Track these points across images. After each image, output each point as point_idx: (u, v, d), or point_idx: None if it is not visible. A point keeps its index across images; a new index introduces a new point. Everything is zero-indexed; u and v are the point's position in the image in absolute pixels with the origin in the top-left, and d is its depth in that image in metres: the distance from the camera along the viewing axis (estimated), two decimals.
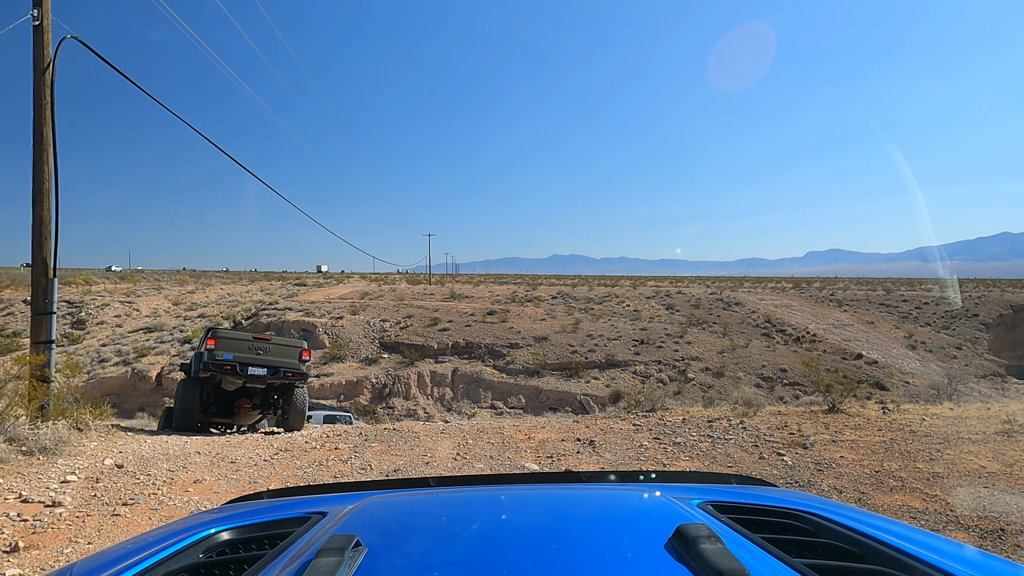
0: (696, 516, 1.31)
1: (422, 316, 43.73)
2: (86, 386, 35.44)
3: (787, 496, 1.65)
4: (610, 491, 1.72)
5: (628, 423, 9.91)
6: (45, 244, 9.16)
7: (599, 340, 42.13)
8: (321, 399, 36.00)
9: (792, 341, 46.66)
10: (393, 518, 1.45)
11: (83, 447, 7.56)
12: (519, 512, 1.44)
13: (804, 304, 56.34)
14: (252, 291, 57.36)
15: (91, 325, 41.81)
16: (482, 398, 37.25)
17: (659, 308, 51.39)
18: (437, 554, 1.11)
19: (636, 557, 1.05)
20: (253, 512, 1.60)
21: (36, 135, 9.11)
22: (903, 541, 1.22)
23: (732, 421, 9.29)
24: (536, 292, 55.46)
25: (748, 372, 40.93)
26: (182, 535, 1.40)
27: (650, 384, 39.22)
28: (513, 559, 1.05)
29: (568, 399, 37.45)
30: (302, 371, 11.68)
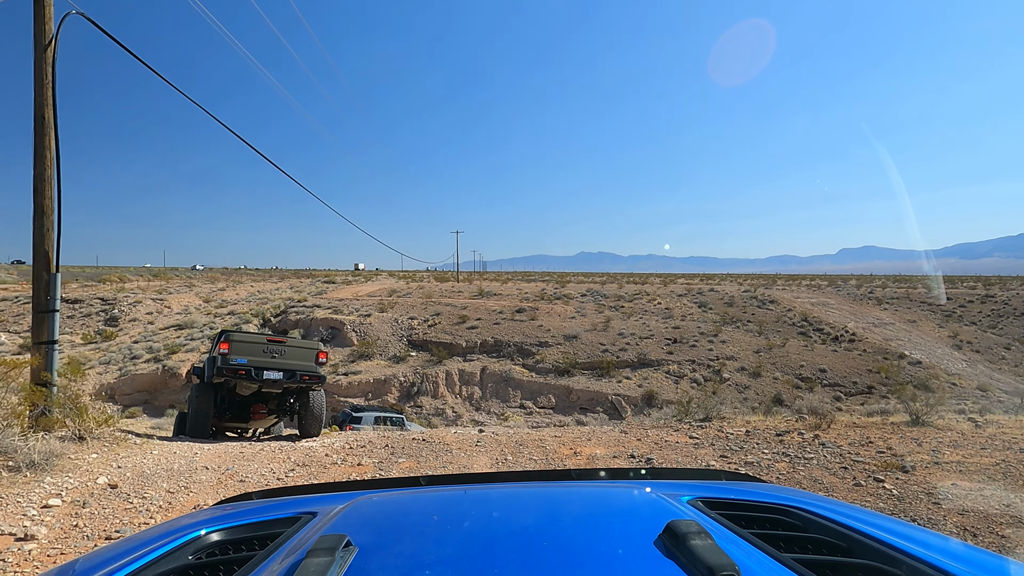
0: (686, 512, 1.31)
1: (450, 314, 42.85)
2: (117, 383, 35.31)
3: (776, 492, 1.63)
4: (601, 488, 1.71)
5: (683, 435, 8.79)
6: (47, 236, 8.36)
7: (631, 339, 40.81)
8: (349, 397, 35.34)
9: (830, 340, 44.77)
10: (383, 517, 1.42)
11: (79, 461, 6.71)
12: (510, 510, 1.42)
13: (842, 302, 54.25)
14: (282, 288, 57.13)
15: (124, 322, 41.77)
16: (511, 397, 36.21)
17: (691, 306, 49.83)
18: (428, 553, 1.10)
19: (627, 553, 1.05)
20: (243, 513, 1.58)
21: (37, 118, 8.31)
22: (890, 535, 1.22)
23: (804, 435, 8.11)
24: (565, 290, 54.28)
25: (786, 372, 39.26)
26: (172, 536, 1.37)
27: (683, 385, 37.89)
28: (504, 557, 1.04)
29: (599, 399, 36.24)
30: (319, 374, 11.08)
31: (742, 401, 37.21)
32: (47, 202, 8.30)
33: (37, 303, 8.38)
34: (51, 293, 8.34)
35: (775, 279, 79.19)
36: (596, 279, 74.55)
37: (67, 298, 44.31)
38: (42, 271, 8.34)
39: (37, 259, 8.34)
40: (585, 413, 35.90)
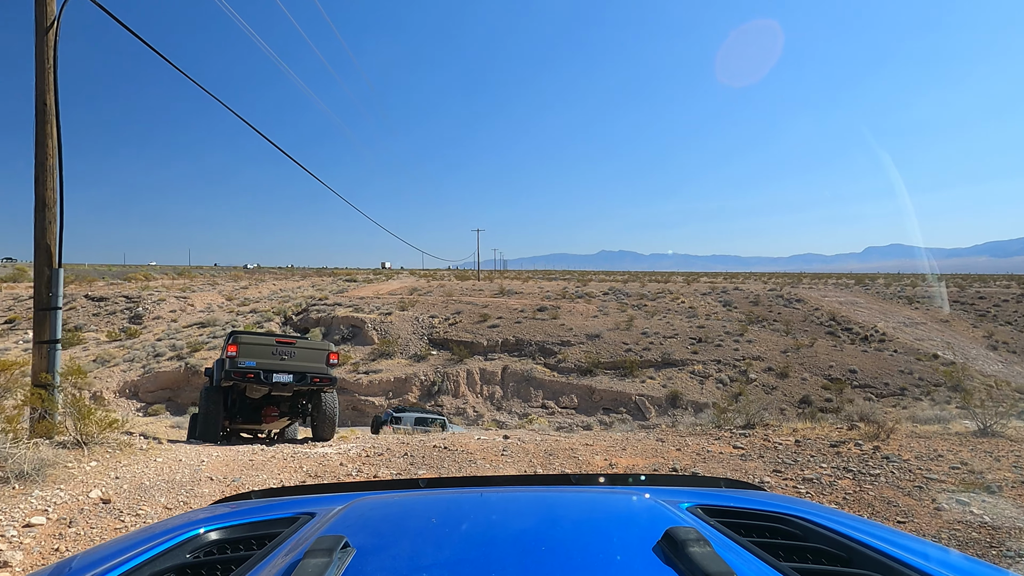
0: (685, 519, 1.31)
1: (471, 312, 42.27)
2: (141, 380, 35.27)
3: (775, 500, 1.62)
4: (600, 494, 1.71)
5: (726, 443, 8.04)
6: (49, 229, 7.86)
7: (654, 338, 39.89)
8: (370, 396, 34.93)
9: (860, 340, 43.41)
10: (382, 519, 1.42)
11: (75, 470, 6.17)
12: (508, 514, 1.42)
13: (871, 301, 52.73)
14: (303, 287, 57.03)
15: (148, 320, 41.82)
16: (533, 397, 35.53)
17: (716, 305, 48.72)
18: (426, 555, 1.10)
19: (625, 559, 1.04)
20: (241, 512, 1.57)
21: (38, 104, 7.83)
22: (890, 545, 1.21)
23: (862, 446, 7.32)
24: (587, 288, 53.43)
25: (814, 373, 38.10)
26: (169, 535, 1.36)
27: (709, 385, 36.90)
28: (502, 561, 1.04)
29: (623, 400, 35.41)
30: (330, 376, 10.75)
31: (770, 403, 36.19)
32: (49, 193, 7.81)
33: (38, 300, 7.88)
34: (53, 289, 7.84)
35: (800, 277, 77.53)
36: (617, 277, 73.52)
37: (93, 296, 44.55)
38: (44, 266, 7.84)
39: (39, 253, 7.84)
40: (608, 414, 35.09)
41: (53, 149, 7.80)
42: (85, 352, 37.61)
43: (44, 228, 7.82)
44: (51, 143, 7.79)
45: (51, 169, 7.81)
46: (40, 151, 7.78)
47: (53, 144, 7.80)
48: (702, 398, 35.60)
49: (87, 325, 40.80)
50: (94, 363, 35.78)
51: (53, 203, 7.86)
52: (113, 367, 35.83)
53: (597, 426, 33.66)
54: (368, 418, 34.78)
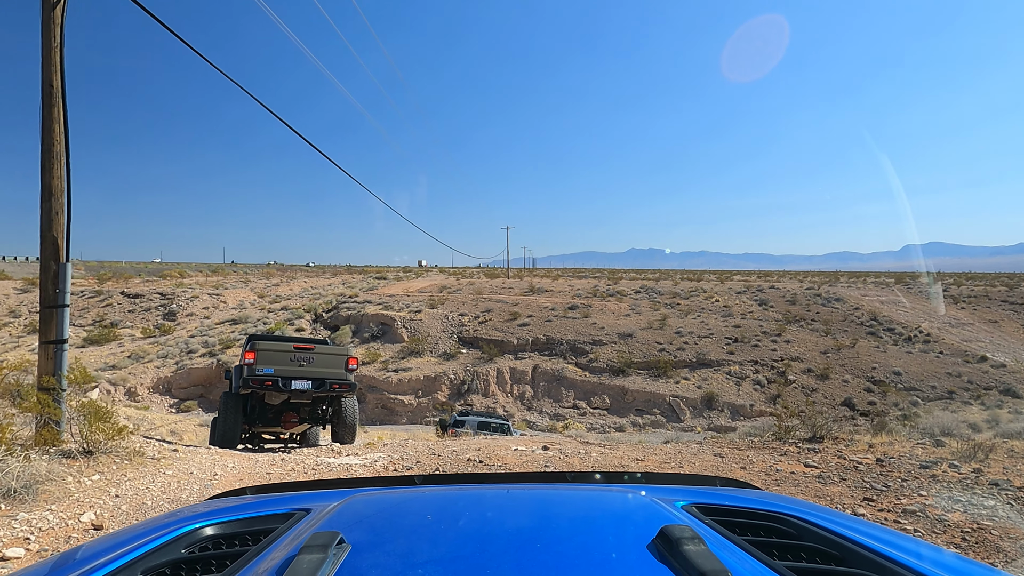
0: (680, 518, 1.31)
1: (501, 310, 41.48)
2: (174, 376, 35.26)
3: (771, 499, 1.63)
4: (595, 491, 1.70)
5: (795, 460, 7.06)
6: (56, 220, 7.25)
7: (688, 338, 38.63)
8: (400, 394, 34.38)
9: (903, 341, 41.53)
10: (377, 516, 1.41)
11: (72, 486, 5.50)
12: (504, 511, 1.42)
13: (914, 300, 50.54)
14: (334, 284, 56.91)
15: (181, 317, 41.93)
16: (564, 397, 34.60)
17: (751, 304, 47.14)
18: (421, 552, 1.10)
19: (620, 557, 1.05)
20: (237, 508, 1.56)
21: (44, 85, 7.22)
22: (884, 545, 1.21)
23: (959, 468, 6.29)
24: (618, 286, 52.22)
25: (856, 374, 36.48)
26: (164, 530, 1.36)
27: (746, 386, 35.55)
28: (497, 558, 1.04)
29: (656, 400, 34.28)
30: (349, 381, 10.43)
31: (809, 405, 34.70)
32: (56, 181, 7.19)
33: (44, 296, 7.27)
34: (60, 285, 7.21)
35: (837, 276, 75.04)
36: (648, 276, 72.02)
37: (128, 293, 44.87)
38: (50, 260, 7.22)
39: (45, 246, 7.22)
40: (641, 415, 33.99)
41: (60, 134, 7.18)
42: (121, 348, 37.78)
43: (51, 219, 7.20)
44: (58, 128, 7.17)
45: (58, 156, 7.19)
46: (46, 136, 7.16)
47: (60, 129, 7.18)
48: (739, 400, 34.30)
49: (123, 322, 41.05)
50: (129, 359, 35.89)
51: (60, 192, 7.23)
52: (147, 363, 35.89)
53: (630, 427, 32.62)
54: (399, 416, 34.26)
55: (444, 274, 72.63)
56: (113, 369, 34.83)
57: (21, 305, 41.77)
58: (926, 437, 8.31)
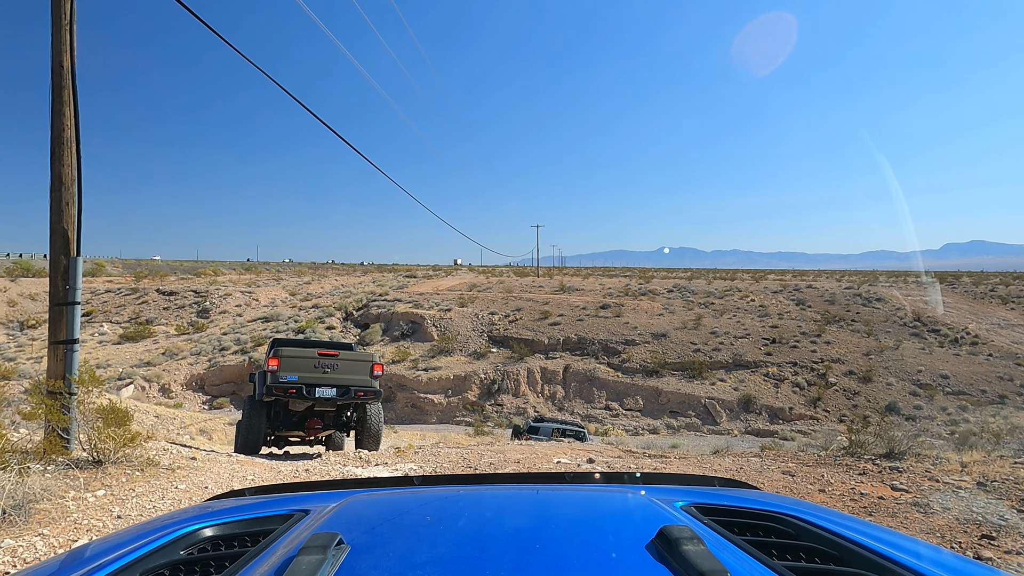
0: (679, 518, 1.30)
1: (531, 309, 40.71)
2: (206, 373, 35.29)
3: (770, 499, 1.62)
4: (594, 492, 1.69)
5: (877, 481, 6.19)
6: (67, 211, 6.74)
7: (724, 338, 37.38)
8: (429, 394, 33.85)
9: (949, 343, 39.64)
10: (376, 516, 1.40)
11: (70, 504, 4.95)
12: (503, 512, 1.41)
13: (959, 300, 48.37)
14: (364, 282, 56.77)
15: (214, 314, 42.07)
16: (596, 398, 33.70)
17: (788, 303, 45.58)
18: (420, 553, 1.09)
19: (619, 557, 1.04)
20: (235, 509, 1.54)
21: (54, 66, 6.71)
22: (883, 544, 1.20)
23: None
24: (650, 285, 51.02)
25: (900, 377, 34.85)
26: (163, 531, 1.35)
27: (784, 389, 34.17)
28: (496, 559, 1.04)
29: (691, 402, 33.15)
30: (375, 389, 10.13)
31: (851, 409, 33.24)
32: (66, 170, 6.67)
33: (53, 293, 6.76)
34: (71, 281, 6.69)
35: (876, 275, 72.52)
36: (681, 275, 70.49)
37: (163, 290, 45.22)
38: (60, 254, 6.71)
39: (54, 239, 6.71)
40: (675, 417, 32.90)
41: (70, 119, 6.66)
42: (156, 345, 38.00)
43: (60, 210, 6.68)
44: (68, 112, 6.65)
45: (68, 142, 6.67)
46: (56, 121, 6.65)
47: (70, 113, 6.66)
48: (777, 402, 33.00)
49: (158, 319, 41.34)
50: (163, 356, 36.05)
51: (71, 181, 6.71)
52: (181, 360, 36.00)
53: (664, 430, 31.59)
54: (428, 416, 33.74)
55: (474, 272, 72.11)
56: (148, 366, 35.02)
57: None
58: (1017, 452, 7.33)
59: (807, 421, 32.16)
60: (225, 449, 13.71)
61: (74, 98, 6.70)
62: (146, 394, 32.59)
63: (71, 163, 6.73)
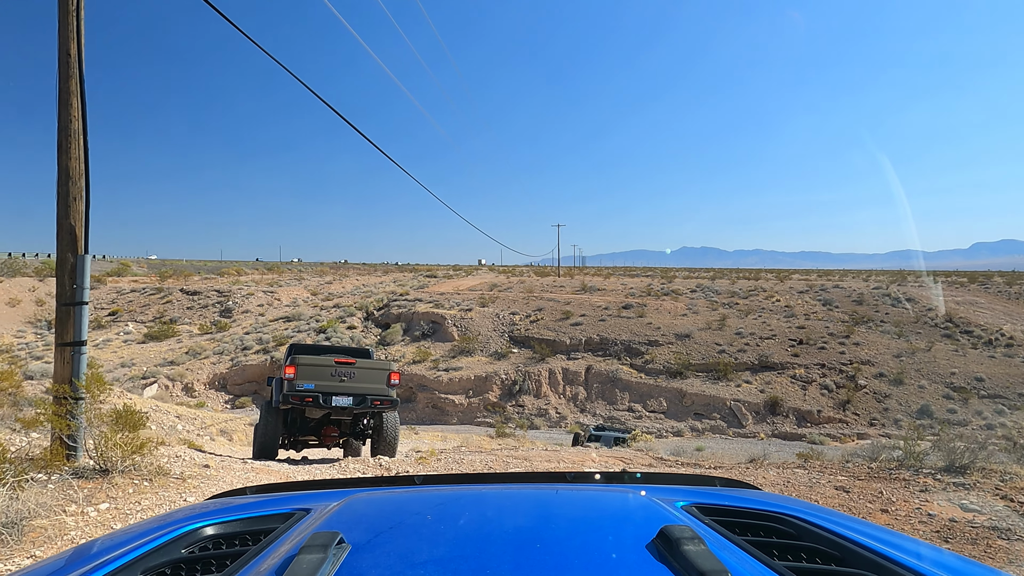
0: (680, 518, 1.30)
1: (553, 309, 40.15)
2: (229, 373, 35.28)
3: (771, 500, 1.61)
4: (595, 492, 1.68)
5: (944, 499, 5.59)
6: (74, 207, 6.39)
7: (749, 339, 36.49)
8: (450, 394, 33.46)
9: (983, 344, 38.30)
10: (377, 516, 1.39)
11: (67, 521, 4.55)
12: (504, 511, 1.40)
13: (993, 301, 46.84)
14: (385, 282, 56.65)
15: (237, 314, 42.13)
16: (619, 399, 33.05)
17: (814, 304, 44.47)
18: (421, 552, 1.09)
19: (619, 557, 1.04)
20: (236, 508, 1.53)
21: (61, 54, 6.37)
22: (884, 545, 1.20)
23: None
24: (672, 285, 50.16)
25: (933, 380, 33.69)
26: (164, 530, 1.33)
27: (812, 391, 33.20)
28: (497, 558, 1.03)
29: (716, 404, 32.36)
30: (392, 398, 9.97)
31: (882, 412, 32.20)
32: (73, 163, 6.33)
33: (60, 293, 6.42)
34: (78, 280, 6.34)
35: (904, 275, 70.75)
36: (703, 274, 69.39)
37: (187, 290, 45.43)
38: (67, 252, 6.36)
39: (61, 236, 6.36)
40: (700, 419, 32.13)
41: (77, 109, 6.31)
42: (179, 344, 38.13)
43: (67, 205, 6.33)
44: (75, 102, 6.31)
45: (75, 134, 6.32)
46: (63, 111, 6.30)
47: (78, 103, 6.31)
48: (805, 405, 32.07)
49: (182, 318, 41.50)
50: (186, 355, 36.13)
51: (79, 175, 6.36)
52: (204, 359, 36.05)
53: (688, 432, 30.87)
54: (449, 416, 33.35)
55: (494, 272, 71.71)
56: (172, 365, 35.11)
57: None
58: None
59: (836, 424, 31.22)
60: (244, 451, 13.43)
61: (81, 87, 6.34)
62: (170, 393, 32.66)
63: (78, 155, 6.38)
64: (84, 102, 6.36)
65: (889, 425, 31.21)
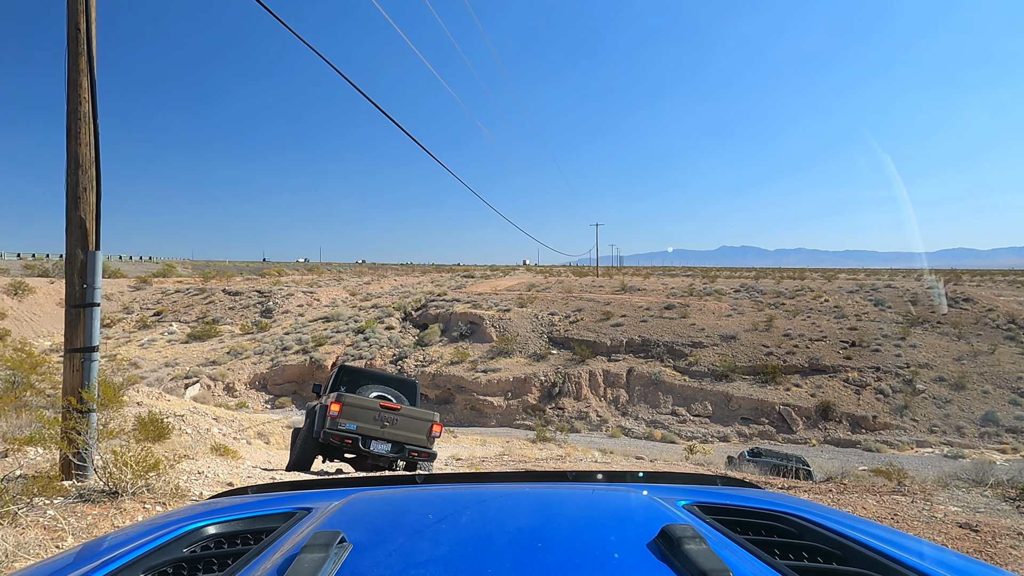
0: (681, 517, 1.29)
1: (592, 309, 39.03)
2: (269, 373, 35.19)
3: (772, 498, 1.60)
4: (596, 491, 1.67)
5: None
6: (84, 198, 5.73)
7: (798, 340, 34.77)
8: (488, 396, 32.67)
9: None
10: (379, 515, 1.38)
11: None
12: (505, 510, 1.39)
13: None
14: (423, 282, 56.25)
15: (277, 314, 42.17)
16: (662, 403, 31.77)
17: (866, 304, 42.31)
18: (422, 551, 1.08)
19: (621, 557, 1.03)
20: (238, 507, 1.51)
21: (70, 30, 5.72)
22: (885, 544, 1.19)
23: None
24: (715, 285, 48.48)
25: (998, 385, 31.49)
26: (166, 529, 1.32)
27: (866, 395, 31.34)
28: (498, 557, 1.03)
29: (764, 409, 30.81)
30: (430, 451, 9.89)
31: (943, 418, 30.19)
32: (84, 149, 5.66)
33: (70, 294, 5.76)
34: (89, 279, 5.67)
35: (958, 274, 67.28)
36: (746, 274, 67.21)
37: (229, 291, 45.72)
38: (76, 247, 5.69)
39: (71, 230, 5.70)
40: (747, 424, 30.63)
41: (87, 91, 5.66)
42: (221, 344, 38.26)
43: (77, 197, 5.68)
44: (85, 82, 5.65)
45: (85, 117, 5.66)
46: (72, 93, 5.65)
47: (87, 84, 5.65)
48: (859, 410, 30.27)
49: (224, 318, 41.71)
50: (228, 355, 36.18)
51: (89, 163, 5.69)
52: (245, 359, 36.06)
53: (735, 438, 29.43)
54: (487, 418, 32.55)
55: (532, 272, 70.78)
56: (214, 365, 35.20)
57: (133, 302, 43.35)
58: None
59: (893, 431, 29.39)
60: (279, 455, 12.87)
61: (91, 67, 5.65)
62: (212, 392, 32.68)
63: (88, 142, 5.69)
64: (94, 82, 5.68)
65: (951, 432, 29.24)
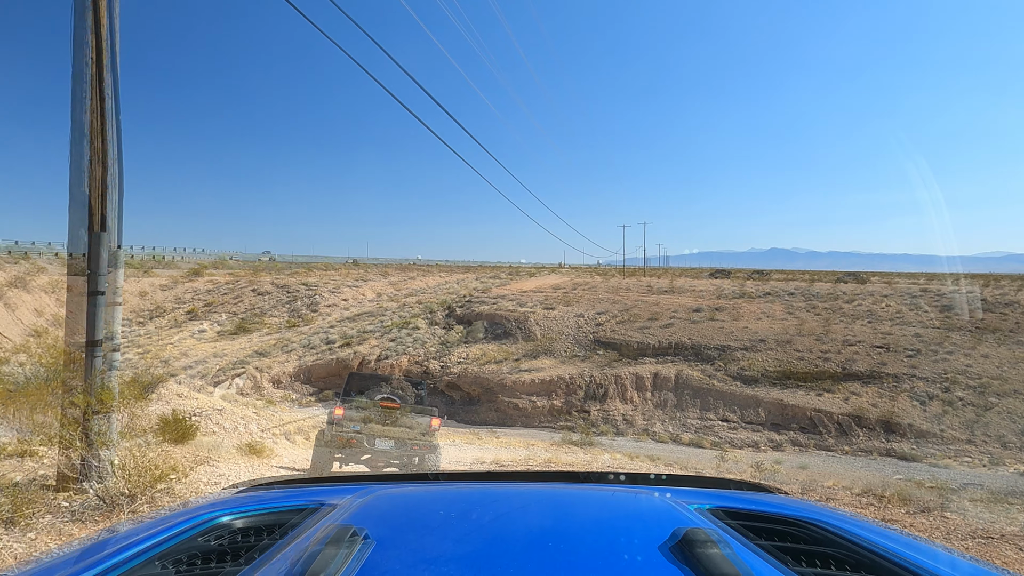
0: (700, 521, 1.27)
1: (639, 309, 37.64)
2: (313, 366, 35.06)
3: (793, 504, 1.57)
4: (613, 493, 1.66)
5: None
6: (91, 172, 4.99)
7: (858, 347, 32.62)
8: (528, 395, 31.66)
9: None
10: (400, 512, 1.39)
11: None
12: (524, 510, 1.39)
13: None
14: (467, 279, 55.72)
15: (323, 308, 42.18)
16: (711, 408, 30.21)
17: (931, 309, 39.70)
18: (442, 549, 1.08)
19: (640, 559, 1.03)
20: (258, 500, 1.52)
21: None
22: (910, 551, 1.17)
23: None
24: (766, 286, 46.39)
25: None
26: (185, 519, 1.33)
27: (935, 408, 29.17)
28: (517, 557, 1.03)
29: (820, 418, 28.87)
30: (431, 444, 10.48)
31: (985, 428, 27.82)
32: (88, 116, 4.96)
33: (72, 281, 5.10)
34: (93, 265, 4.98)
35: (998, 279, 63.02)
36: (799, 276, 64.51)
37: (278, 284, 46.03)
38: (79, 227, 5.00)
39: (74, 208, 4.94)
40: (804, 433, 28.81)
41: (93, 49, 4.93)
42: (268, 336, 38.42)
43: (82, 171, 4.95)
44: (92, 39, 4.93)
45: (91, 80, 4.96)
46: (77, 53, 4.93)
47: (93, 40, 4.93)
48: (925, 424, 28.13)
49: (270, 311, 41.95)
50: (274, 347, 36.27)
51: (96, 133, 4.94)
52: (290, 352, 36.05)
53: (789, 447, 27.73)
54: (529, 418, 31.56)
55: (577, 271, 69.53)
56: (260, 356, 35.29)
57: (186, 292, 44.05)
58: None
59: (962, 445, 27.21)
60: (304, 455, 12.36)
61: (97, 23, 4.92)
62: (257, 384, 32.71)
63: (95, 108, 4.98)
64: (101, 41, 4.94)
65: (992, 443, 26.96)
